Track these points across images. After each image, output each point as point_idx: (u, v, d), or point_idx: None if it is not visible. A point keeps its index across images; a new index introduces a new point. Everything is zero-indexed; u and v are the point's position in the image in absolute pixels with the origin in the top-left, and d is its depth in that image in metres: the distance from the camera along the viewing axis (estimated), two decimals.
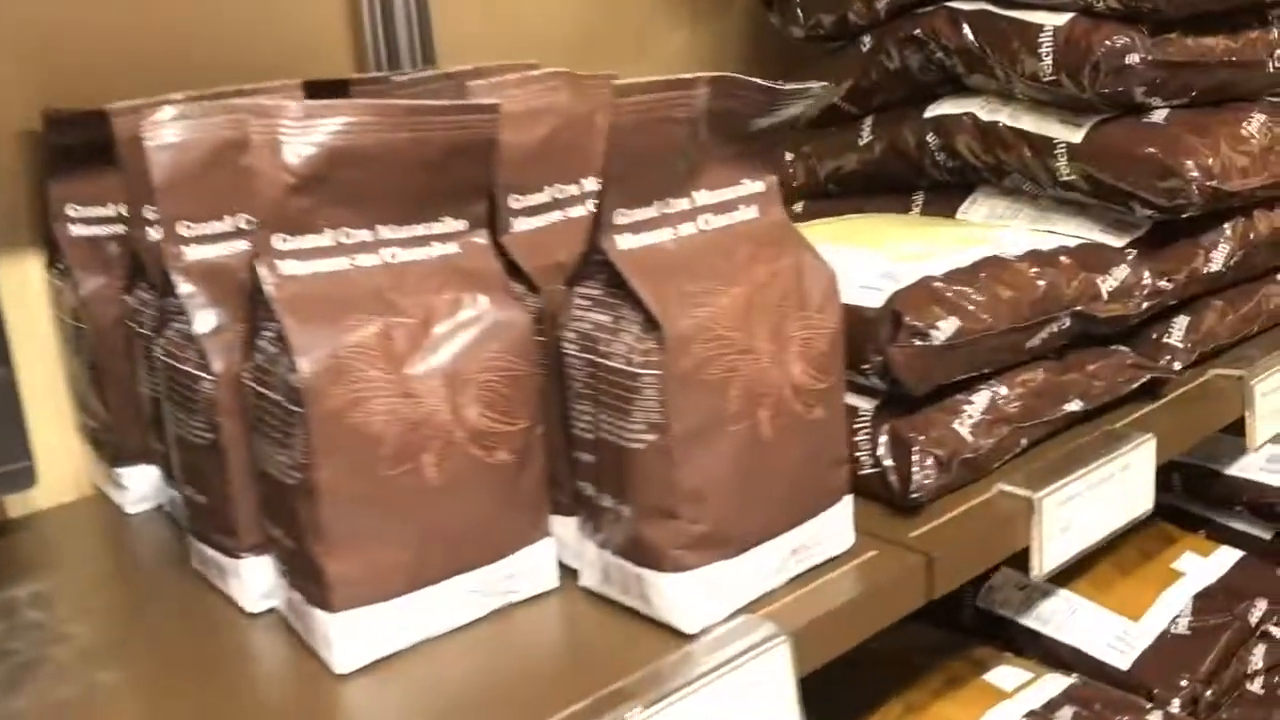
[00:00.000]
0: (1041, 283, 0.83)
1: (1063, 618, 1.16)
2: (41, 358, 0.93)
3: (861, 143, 1.15)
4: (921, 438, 0.78)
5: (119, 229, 0.85)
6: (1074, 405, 0.86)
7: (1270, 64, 1.02)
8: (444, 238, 0.68)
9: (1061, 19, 0.95)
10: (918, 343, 0.76)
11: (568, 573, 0.72)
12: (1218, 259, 0.97)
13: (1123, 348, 0.92)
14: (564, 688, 0.61)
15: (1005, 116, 1.02)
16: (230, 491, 0.70)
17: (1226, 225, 0.99)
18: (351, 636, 0.64)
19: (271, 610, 0.71)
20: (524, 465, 0.68)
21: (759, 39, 1.34)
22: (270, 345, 0.63)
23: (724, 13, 1.31)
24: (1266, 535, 1.34)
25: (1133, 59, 0.91)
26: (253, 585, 0.71)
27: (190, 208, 0.71)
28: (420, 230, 0.67)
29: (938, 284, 0.79)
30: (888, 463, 0.78)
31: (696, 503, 0.63)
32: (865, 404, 0.81)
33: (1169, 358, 0.95)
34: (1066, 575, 1.20)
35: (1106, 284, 0.87)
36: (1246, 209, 1.01)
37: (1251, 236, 1.00)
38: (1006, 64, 0.99)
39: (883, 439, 0.79)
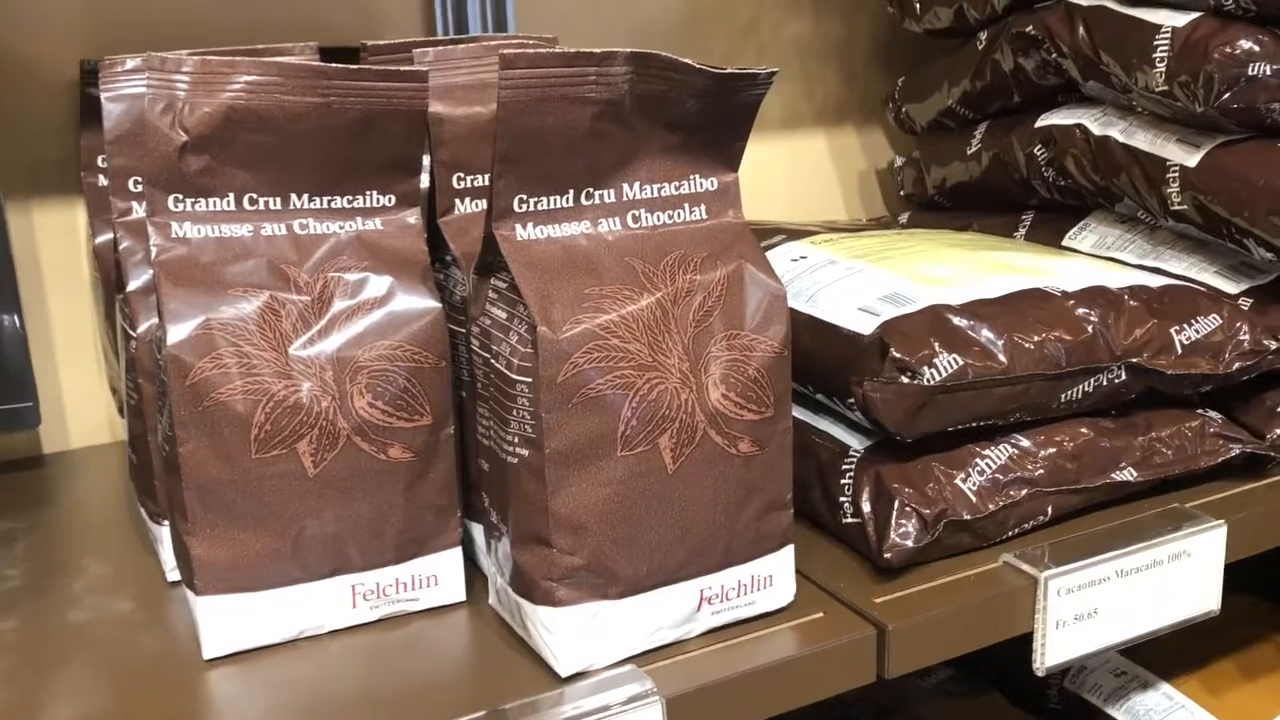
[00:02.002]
0: (1090, 326, 0.70)
1: (1158, 717, 1.01)
2: (84, 305, 0.95)
3: (970, 151, 1.02)
4: (908, 490, 0.67)
5: None
6: (1125, 474, 0.72)
7: None
8: (367, 213, 0.63)
9: (1184, 19, 0.81)
10: (904, 380, 0.65)
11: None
12: None
13: (1212, 413, 0.77)
14: (421, 707, 0.56)
15: (1118, 131, 0.87)
16: (148, 457, 0.68)
17: None
18: (218, 623, 0.60)
19: None
20: (427, 466, 0.63)
21: (895, 34, 1.22)
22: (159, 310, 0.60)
23: (857, 4, 1.21)
24: None
25: (1260, 69, 0.76)
26: (167, 554, 0.69)
27: (137, 162, 0.69)
28: (341, 203, 0.62)
29: (949, 314, 0.68)
30: (867, 513, 0.67)
31: (572, 532, 0.56)
32: (857, 443, 0.71)
33: (1279, 431, 0.79)
34: (1176, 666, 1.05)
35: (1184, 335, 0.72)
36: None
37: None
38: (1120, 70, 0.85)
39: (867, 485, 0.68)
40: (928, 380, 0.65)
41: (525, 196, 0.56)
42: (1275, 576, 1.20)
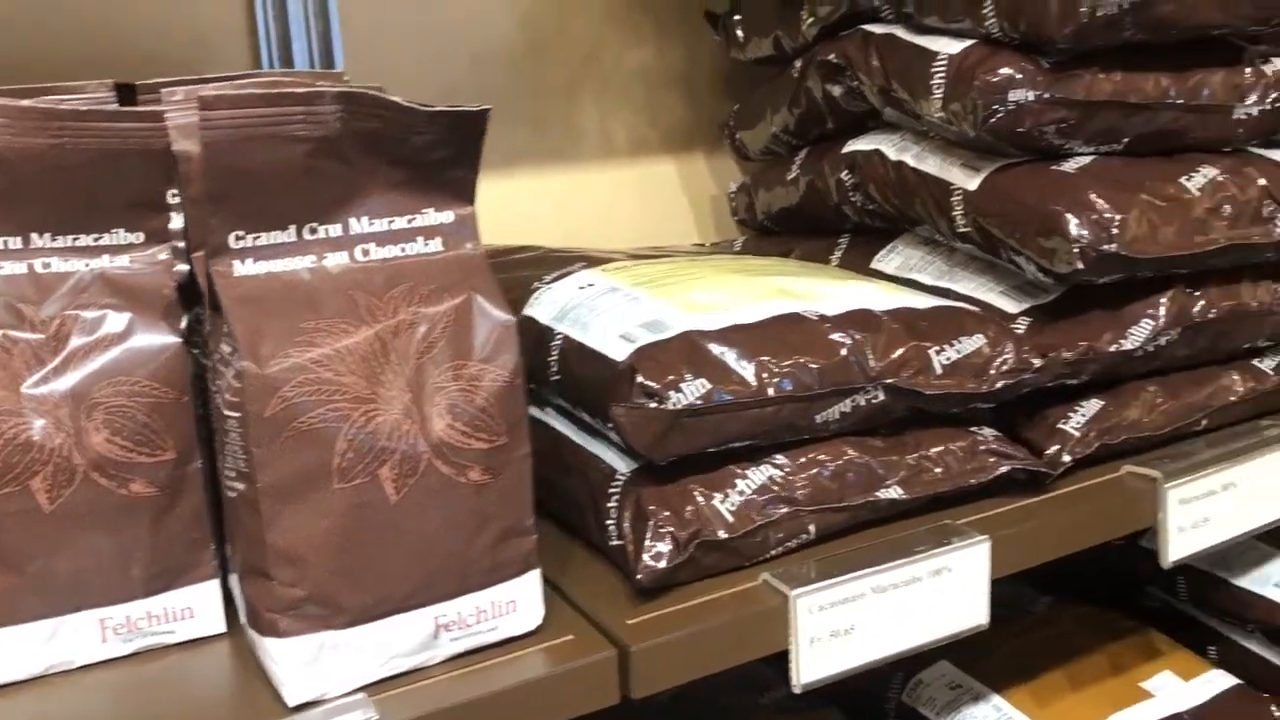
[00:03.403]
0: (843, 349, 0.72)
1: None
2: None
3: (789, 177, 1.04)
4: (664, 513, 0.68)
5: None
6: (892, 493, 0.74)
7: (1237, 110, 0.86)
8: (115, 250, 0.64)
9: (959, 47, 0.83)
10: (652, 405, 0.66)
11: None
12: (1136, 336, 0.82)
13: (984, 431, 0.79)
14: None
15: (912, 156, 0.90)
16: None
17: (1162, 297, 0.83)
18: None
19: None
20: (174, 501, 0.63)
21: (735, 62, 1.24)
22: None
23: (699, 33, 1.23)
24: None
25: (1021, 95, 0.78)
26: None
27: None
28: (86, 240, 0.63)
29: (702, 340, 0.70)
30: (627, 535, 0.69)
31: (291, 565, 0.57)
32: (624, 466, 0.72)
33: (1057, 448, 0.81)
34: (1009, 677, 1.06)
35: (944, 355, 0.74)
36: (1196, 279, 0.85)
37: (1197, 312, 0.84)
38: (909, 96, 0.87)
39: (628, 508, 0.70)
40: (674, 405, 0.66)
41: (242, 233, 0.57)
42: (1112, 586, 1.23)
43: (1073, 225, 0.76)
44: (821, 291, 0.79)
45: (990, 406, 0.78)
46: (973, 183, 0.84)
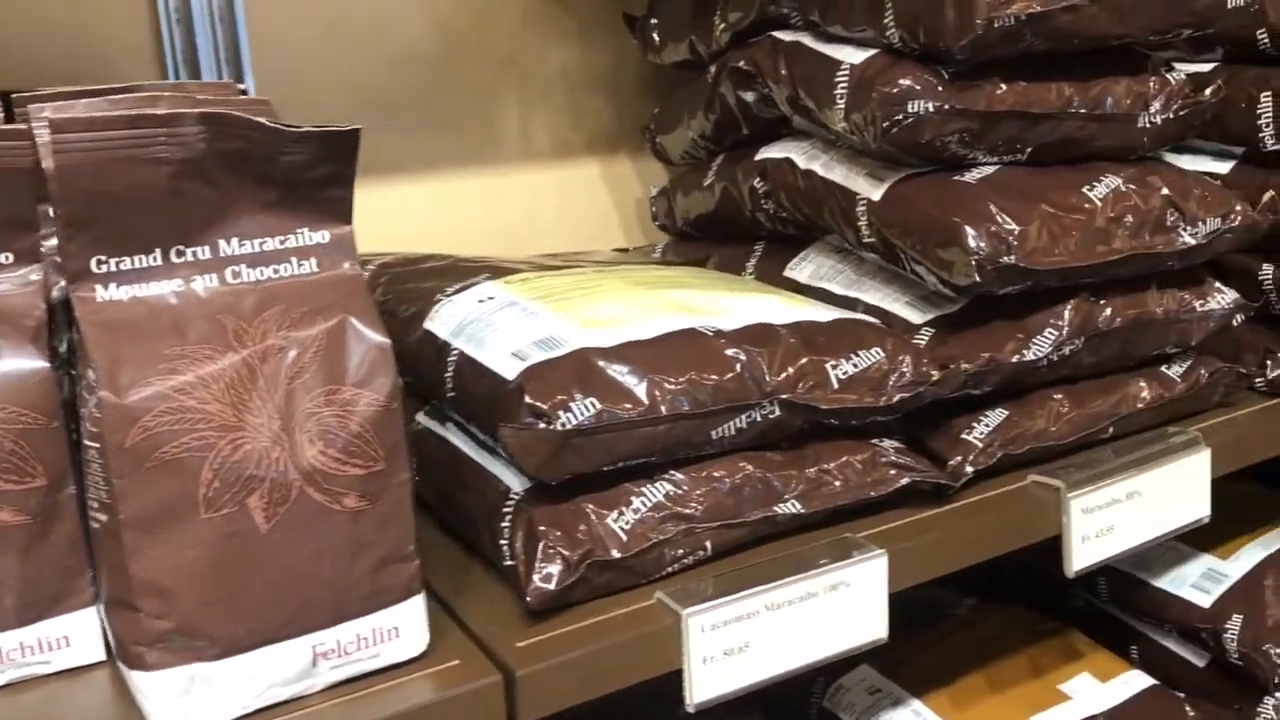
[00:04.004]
0: (738, 365, 0.71)
1: None
2: None
3: (706, 183, 1.04)
4: (555, 533, 0.67)
5: None
6: (790, 507, 0.73)
7: (1142, 118, 0.86)
8: None
9: (861, 56, 0.83)
10: (540, 426, 0.65)
11: None
12: (1040, 346, 0.81)
13: (886, 443, 0.78)
14: None
15: (821, 165, 0.89)
16: None
17: (1066, 307, 0.83)
18: None
19: None
20: (46, 528, 0.62)
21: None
22: None
23: (623, 34, 1.22)
24: (1200, 662, 1.15)
25: (920, 107, 0.78)
26: None
27: None
28: None
29: (595, 358, 0.69)
30: (519, 555, 0.68)
31: (157, 596, 0.55)
32: (519, 485, 0.71)
33: (960, 458, 0.81)
34: (930, 682, 1.07)
35: (841, 369, 0.74)
36: (1101, 288, 0.85)
37: (1102, 321, 0.84)
38: (815, 105, 0.86)
39: (520, 528, 0.69)
40: (562, 425, 0.65)
41: (104, 257, 0.56)
42: (1037, 586, 1.23)
43: (970, 237, 0.76)
44: (723, 305, 0.78)
45: (892, 418, 0.78)
46: (877, 193, 0.84)
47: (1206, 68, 1.01)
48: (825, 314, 0.79)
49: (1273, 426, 0.96)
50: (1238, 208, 0.88)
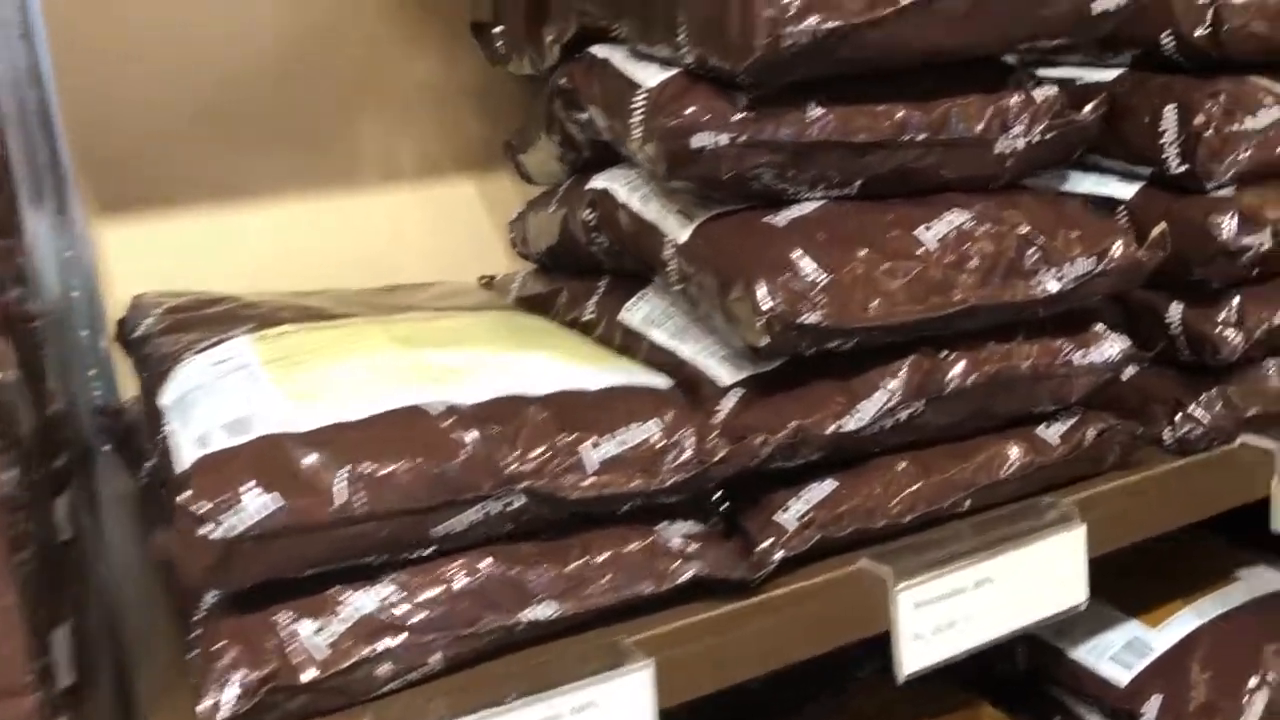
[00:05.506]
0: (464, 451, 0.61)
1: None
2: None
3: (550, 211, 0.93)
4: (235, 649, 0.58)
5: None
6: (545, 609, 0.63)
7: (1000, 143, 0.74)
8: None
9: (660, 78, 0.71)
10: (199, 532, 0.56)
11: None
12: (863, 414, 0.70)
13: (672, 528, 0.67)
14: None
15: (639, 199, 0.79)
16: None
17: (903, 365, 0.71)
18: None
19: None
20: None
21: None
22: None
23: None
24: None
25: (709, 140, 0.67)
26: None
27: None
28: None
29: (287, 445, 0.59)
30: (196, 676, 0.58)
31: None
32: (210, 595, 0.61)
33: (769, 543, 0.70)
34: None
35: (601, 450, 0.63)
36: (949, 341, 0.73)
37: (949, 380, 0.72)
38: (617, 135, 0.75)
39: (204, 641, 0.59)
40: (226, 531, 0.56)
41: None
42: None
43: (762, 292, 0.65)
44: (486, 369, 0.68)
45: (682, 499, 0.67)
46: (684, 233, 0.73)
47: (1111, 75, 0.88)
48: (601, 379, 0.68)
49: (1178, 493, 0.84)
50: (1117, 245, 0.75)
